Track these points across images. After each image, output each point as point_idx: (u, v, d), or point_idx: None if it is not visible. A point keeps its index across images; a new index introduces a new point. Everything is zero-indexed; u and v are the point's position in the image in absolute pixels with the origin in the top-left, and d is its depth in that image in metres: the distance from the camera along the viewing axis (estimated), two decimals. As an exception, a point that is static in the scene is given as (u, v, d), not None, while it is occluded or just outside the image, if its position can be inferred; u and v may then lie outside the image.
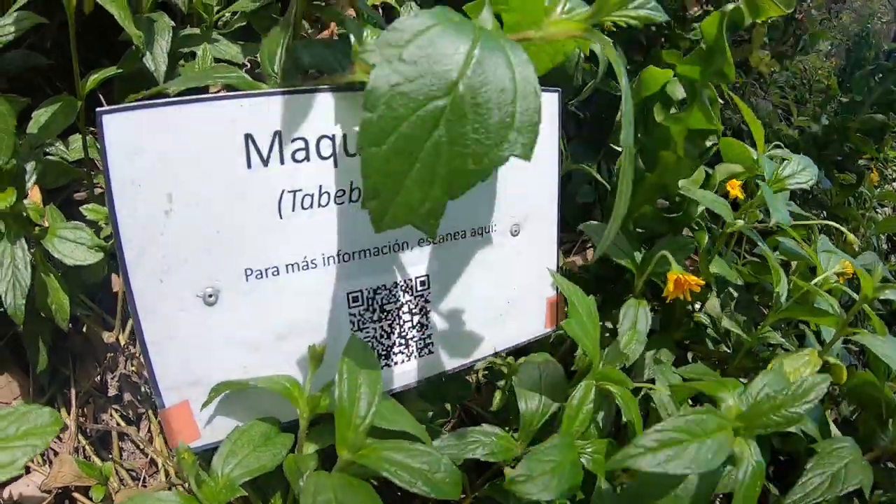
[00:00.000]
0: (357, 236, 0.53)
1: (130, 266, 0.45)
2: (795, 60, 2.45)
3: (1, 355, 0.80)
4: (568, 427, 0.56)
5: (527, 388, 0.62)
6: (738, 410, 0.50)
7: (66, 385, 0.81)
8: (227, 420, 0.51)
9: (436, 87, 0.31)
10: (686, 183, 0.74)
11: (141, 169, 0.43)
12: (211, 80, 0.51)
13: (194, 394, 0.49)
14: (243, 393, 0.50)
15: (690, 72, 0.72)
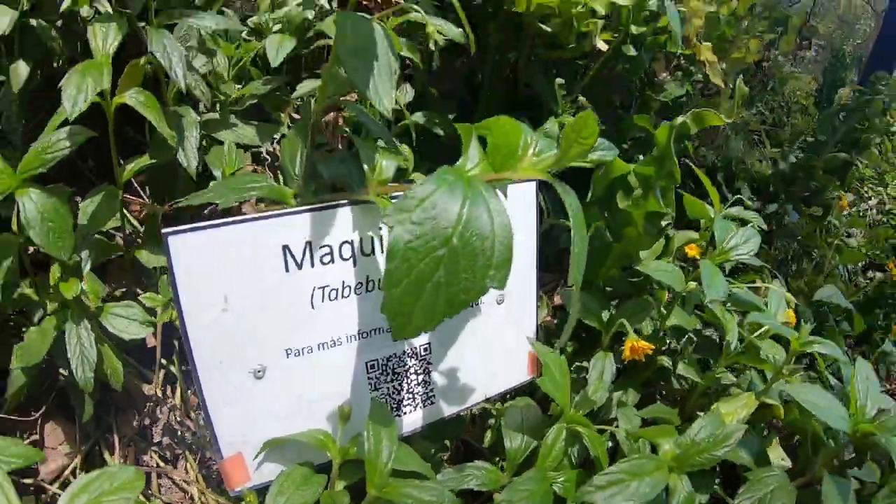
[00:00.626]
0: (373, 318, 0.69)
1: (196, 354, 0.60)
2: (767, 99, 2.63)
3: (48, 406, 0.94)
4: (542, 463, 0.72)
5: (511, 428, 0.78)
6: (672, 453, 0.65)
7: (108, 431, 0.95)
8: (273, 465, 0.66)
9: (437, 241, 0.46)
10: (646, 254, 0.90)
11: (201, 278, 0.58)
12: (247, 194, 0.65)
13: (247, 447, 0.64)
14: (285, 444, 0.65)
15: (646, 171, 0.89)
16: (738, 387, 0.96)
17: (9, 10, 0.78)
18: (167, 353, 0.95)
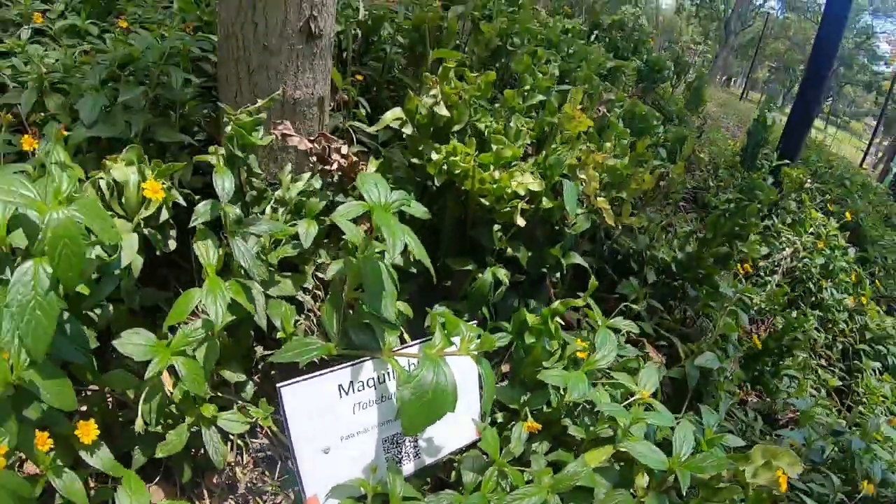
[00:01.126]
0: (386, 416, 1.28)
1: (294, 439, 1.15)
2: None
3: (150, 471, 1.44)
4: (484, 489, 1.29)
5: (467, 469, 1.35)
6: (549, 483, 1.21)
7: (197, 487, 1.48)
8: (334, 501, 1.21)
9: (424, 392, 1.04)
10: (549, 363, 1.48)
11: (298, 405, 1.15)
12: (311, 353, 1.20)
13: (319, 489, 1.20)
14: (342, 487, 1.21)
15: (536, 322, 1.47)
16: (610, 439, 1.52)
17: (133, 235, 1.29)
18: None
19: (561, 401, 1.44)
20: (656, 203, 2.51)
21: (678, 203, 3.68)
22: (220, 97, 1.62)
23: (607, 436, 1.49)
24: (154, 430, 1.20)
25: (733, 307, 2.49)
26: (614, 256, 2.36)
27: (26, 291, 0.90)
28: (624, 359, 1.72)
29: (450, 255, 1.66)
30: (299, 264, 1.60)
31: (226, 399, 1.40)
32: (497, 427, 1.46)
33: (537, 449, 1.44)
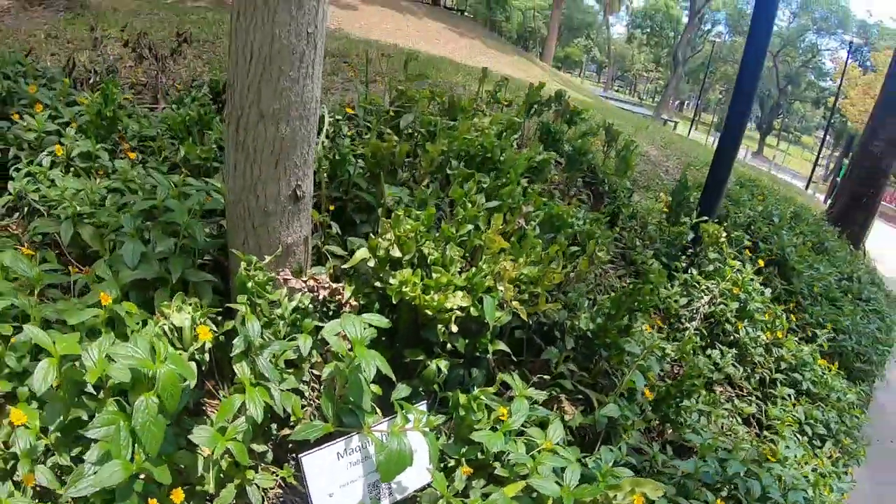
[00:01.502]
0: (369, 469, 1.91)
1: (311, 486, 1.77)
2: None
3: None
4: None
5: (425, 502, 1.97)
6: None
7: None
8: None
9: (393, 456, 1.67)
10: (480, 425, 2.11)
11: (314, 468, 1.76)
12: (316, 432, 1.82)
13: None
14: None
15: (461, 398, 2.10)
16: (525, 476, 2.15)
17: (192, 364, 1.94)
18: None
19: (488, 452, 2.07)
20: (570, 286, 3.14)
21: (605, 265, 4.33)
22: (230, 243, 2.24)
23: (524, 473, 2.12)
24: (207, 490, 1.81)
25: (641, 362, 3.14)
26: (541, 327, 3.01)
27: (144, 415, 1.51)
28: (534, 417, 2.34)
29: (407, 347, 2.30)
30: (298, 364, 2.22)
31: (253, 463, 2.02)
32: (445, 471, 2.08)
33: (475, 485, 2.06)
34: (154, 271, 2.12)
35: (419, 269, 2.22)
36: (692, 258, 4.85)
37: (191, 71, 5.10)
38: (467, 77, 8.76)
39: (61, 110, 3.18)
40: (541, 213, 2.94)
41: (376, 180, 2.91)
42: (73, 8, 7.74)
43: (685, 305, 4.40)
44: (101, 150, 2.87)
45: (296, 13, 1.81)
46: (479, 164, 3.24)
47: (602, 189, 5.00)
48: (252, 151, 1.97)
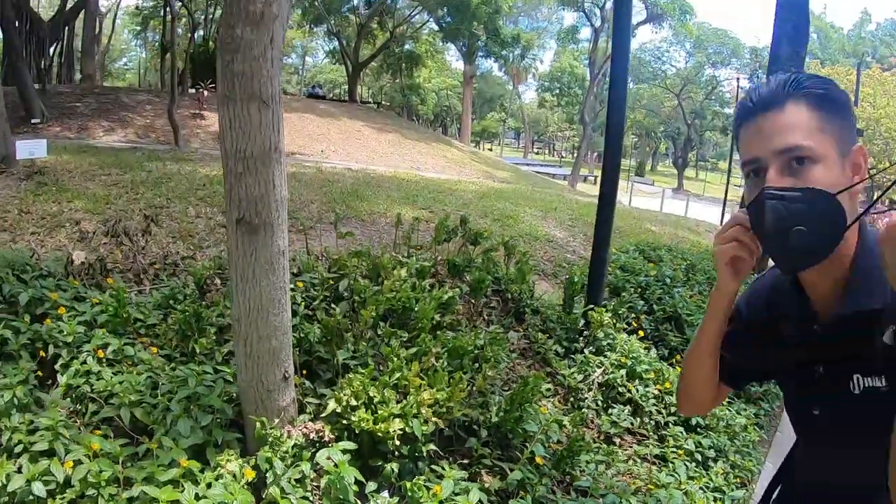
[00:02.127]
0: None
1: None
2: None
3: None
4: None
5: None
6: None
7: None
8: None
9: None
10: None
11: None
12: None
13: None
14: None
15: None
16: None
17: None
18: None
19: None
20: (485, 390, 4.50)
21: (516, 359, 5.74)
22: (244, 411, 3.53)
23: None
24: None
25: (541, 436, 4.49)
26: (464, 424, 4.34)
27: None
28: (461, 488, 3.65)
29: (370, 457, 3.61)
30: (302, 481, 3.51)
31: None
32: None
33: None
34: (203, 438, 3.40)
35: (369, 407, 3.57)
36: (587, 339, 6.30)
37: (162, 247, 6.48)
38: (391, 202, 10.30)
39: (77, 308, 4.16)
40: (448, 347, 4.34)
41: (329, 343, 4.28)
42: (31, 177, 9.12)
43: (582, 380, 5.81)
44: (126, 346, 4.13)
45: (272, 277, 3.20)
46: (400, 314, 4.66)
47: (507, 295, 6.48)
48: (257, 357, 3.30)
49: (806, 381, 1.62)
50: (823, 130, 1.41)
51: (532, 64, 61.66)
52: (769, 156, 1.42)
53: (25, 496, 2.83)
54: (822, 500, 1.75)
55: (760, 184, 1.43)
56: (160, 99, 24.92)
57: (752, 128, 1.46)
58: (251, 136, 2.86)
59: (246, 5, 2.74)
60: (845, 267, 1.50)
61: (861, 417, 1.50)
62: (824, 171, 1.39)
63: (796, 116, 1.41)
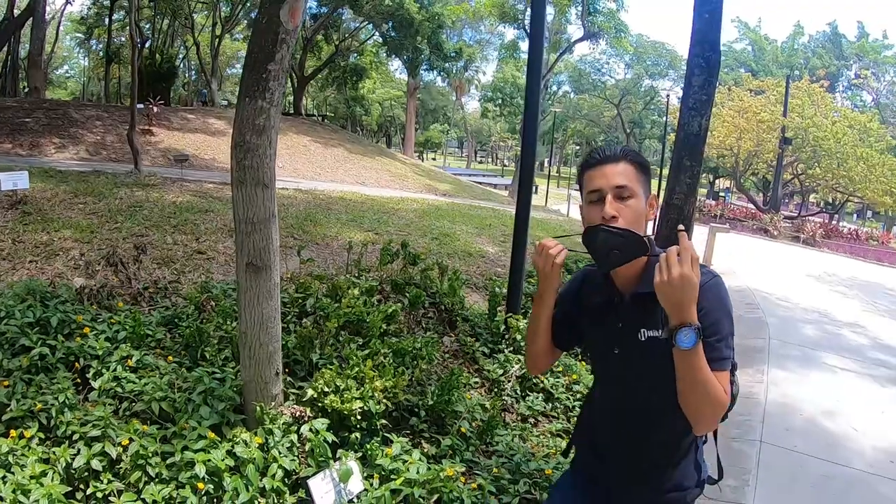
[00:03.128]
0: (336, 485, 4.55)
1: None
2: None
3: None
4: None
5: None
6: None
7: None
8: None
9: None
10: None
11: (316, 488, 4.44)
12: (311, 471, 4.47)
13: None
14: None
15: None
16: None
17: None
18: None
19: (385, 468, 4.77)
20: (423, 380, 5.90)
21: (448, 360, 7.16)
22: (246, 397, 4.85)
23: (403, 474, 4.82)
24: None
25: (466, 415, 5.90)
26: (408, 406, 5.73)
27: (251, 468, 4.15)
28: (406, 450, 5.04)
29: (340, 430, 4.97)
30: (292, 447, 4.86)
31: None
32: (368, 480, 4.74)
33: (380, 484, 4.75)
34: (218, 419, 4.67)
35: (337, 393, 4.95)
36: (507, 341, 7.75)
37: (149, 273, 7.72)
38: (340, 226, 11.65)
39: (97, 327, 4.94)
40: (393, 349, 5.77)
41: (303, 348, 5.66)
42: (15, 206, 9.81)
43: (503, 374, 7.23)
44: (145, 357, 5.29)
45: (270, 302, 4.55)
46: (356, 324, 6.08)
47: (441, 307, 7.93)
48: (258, 359, 4.62)
49: (611, 332, 2.40)
50: (638, 181, 2.25)
51: (475, 76, 63.42)
52: (608, 189, 2.21)
53: (83, 472, 3.61)
54: (615, 420, 2.53)
55: (600, 206, 2.22)
56: (108, 114, 25.52)
57: (598, 171, 2.25)
58: (257, 208, 4.23)
59: (253, 120, 4.12)
60: (641, 263, 2.29)
61: (645, 355, 2.30)
62: (637, 203, 2.21)
63: (625, 169, 2.24)
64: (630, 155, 2.30)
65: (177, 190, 13.79)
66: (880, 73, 68.90)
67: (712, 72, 10.36)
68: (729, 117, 46.24)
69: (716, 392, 2.11)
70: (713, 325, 2.19)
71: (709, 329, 2.16)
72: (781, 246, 34.59)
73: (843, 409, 8.38)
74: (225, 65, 51.46)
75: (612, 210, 2.21)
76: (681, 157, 10.25)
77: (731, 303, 2.29)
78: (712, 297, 2.19)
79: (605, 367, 2.62)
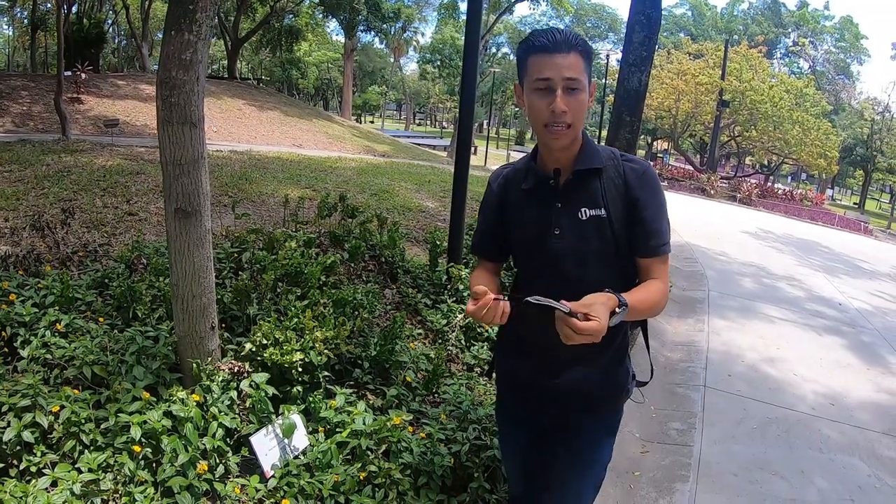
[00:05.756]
0: (280, 441, 4.40)
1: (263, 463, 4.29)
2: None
3: None
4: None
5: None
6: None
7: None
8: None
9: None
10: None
11: (259, 443, 4.28)
12: (254, 427, 4.32)
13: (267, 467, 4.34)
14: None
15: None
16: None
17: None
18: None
19: (330, 420, 4.64)
20: (366, 331, 5.77)
21: (389, 311, 7.04)
22: (182, 354, 4.66)
23: (349, 426, 4.69)
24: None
25: (411, 365, 5.81)
26: (351, 358, 5.60)
27: (189, 426, 3.98)
28: (351, 402, 4.92)
29: (281, 384, 4.82)
30: (231, 403, 4.69)
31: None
32: (312, 434, 4.61)
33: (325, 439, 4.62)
34: (153, 379, 4.44)
35: (276, 346, 4.78)
36: (450, 291, 7.66)
37: (78, 237, 7.41)
38: (277, 183, 11.37)
39: (24, 293, 4.73)
40: (333, 299, 5.60)
41: (239, 302, 5.46)
42: None
43: (447, 324, 7.15)
44: (75, 320, 5.10)
45: (201, 250, 4.33)
46: (294, 276, 5.89)
47: (382, 259, 7.78)
48: (191, 312, 4.38)
49: (547, 214, 2.40)
50: (585, 72, 2.21)
51: (413, 37, 62.77)
52: (558, 81, 2.17)
53: (14, 446, 3.37)
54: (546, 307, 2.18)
55: (547, 97, 2.20)
56: (35, 84, 24.62)
57: (547, 59, 2.16)
58: (185, 149, 4.00)
59: (179, 54, 3.87)
60: (578, 145, 2.37)
61: (585, 234, 2.36)
62: (584, 96, 2.18)
63: (576, 61, 2.17)
64: (580, 44, 2.22)
65: (107, 154, 13.30)
66: (818, 42, 70.69)
67: (653, 28, 10.40)
68: (668, 79, 47.04)
69: (655, 302, 2.29)
70: (653, 215, 2.35)
71: (648, 219, 2.34)
72: (718, 205, 35.43)
73: (783, 356, 8.67)
74: (156, 28, 49.63)
75: (563, 105, 2.20)
76: (620, 112, 10.21)
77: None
78: (648, 188, 2.36)
79: (538, 255, 2.51)
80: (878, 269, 18.24)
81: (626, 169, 2.38)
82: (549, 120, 2.23)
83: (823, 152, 45.13)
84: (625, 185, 2.35)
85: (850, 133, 62.35)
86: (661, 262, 2.37)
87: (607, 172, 2.37)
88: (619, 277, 2.41)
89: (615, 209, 2.35)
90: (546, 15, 62.07)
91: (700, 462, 5.34)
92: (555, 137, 2.28)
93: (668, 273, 2.42)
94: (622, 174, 2.36)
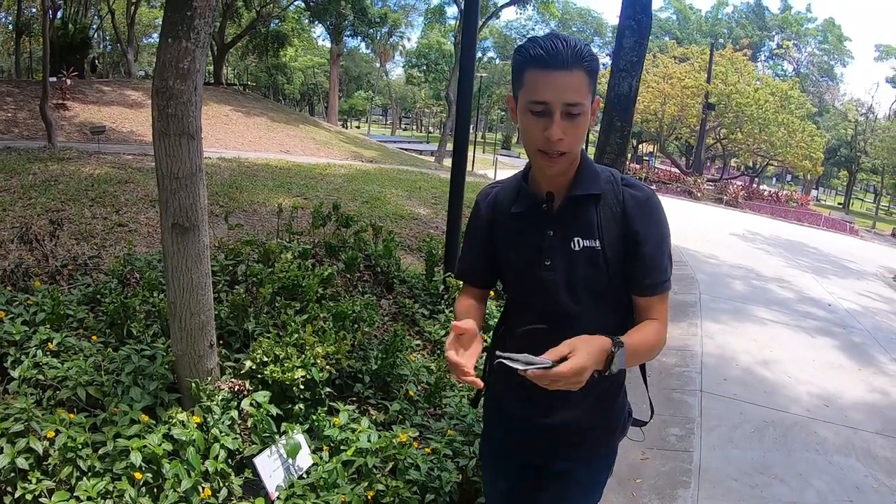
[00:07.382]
0: (284, 461, 4.26)
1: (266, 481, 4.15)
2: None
3: None
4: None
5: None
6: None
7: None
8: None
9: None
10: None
11: (263, 465, 4.15)
12: (256, 449, 4.18)
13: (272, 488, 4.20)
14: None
15: None
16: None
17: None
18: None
19: (335, 438, 4.51)
20: (367, 344, 5.64)
21: (387, 323, 6.92)
22: (179, 374, 4.51)
23: (354, 444, 4.57)
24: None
25: (412, 378, 5.69)
26: (351, 373, 5.47)
27: (192, 450, 3.84)
28: (354, 418, 4.79)
29: (284, 401, 4.69)
30: (232, 424, 4.55)
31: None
32: (317, 453, 4.48)
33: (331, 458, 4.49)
34: (151, 400, 4.29)
35: (277, 362, 4.65)
36: (447, 301, 7.54)
37: (67, 249, 7.24)
38: (268, 192, 11.22)
39: (13, 310, 4.58)
40: (332, 313, 5.47)
41: (237, 317, 5.32)
42: None
43: (445, 335, 7.03)
44: (67, 338, 4.94)
45: (199, 266, 4.19)
46: (291, 289, 5.75)
47: (377, 269, 7.65)
48: (189, 330, 4.28)
49: (537, 242, 2.15)
50: (589, 91, 1.90)
51: (399, 42, 62.65)
52: (557, 105, 1.88)
53: (8, 473, 3.22)
54: (535, 343, 1.99)
55: (543, 120, 1.92)
56: (20, 90, 24.28)
57: (546, 77, 1.86)
58: (182, 161, 3.86)
59: (176, 63, 3.74)
60: (575, 167, 2.11)
61: (578, 266, 2.10)
62: (584, 120, 1.91)
63: (579, 80, 1.87)
64: (586, 59, 1.89)
65: (94, 162, 13.10)
66: (802, 45, 71.24)
67: (643, 34, 10.39)
68: (654, 83, 47.21)
69: (653, 346, 2.09)
70: (653, 250, 2.12)
71: (647, 255, 2.10)
72: (705, 207, 35.54)
73: (776, 358, 8.67)
74: (141, 34, 49.29)
75: (560, 132, 1.93)
76: (611, 117, 10.12)
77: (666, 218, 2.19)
78: (648, 219, 2.13)
79: (527, 285, 2.27)
80: (864, 269, 18.40)
81: (627, 196, 2.12)
82: (543, 146, 1.98)
83: (809, 154, 45.39)
84: (623, 214, 2.10)
85: (834, 134, 62.73)
86: (661, 300, 2.14)
87: (605, 199, 2.11)
88: (613, 311, 2.21)
89: (610, 240, 2.11)
90: (532, 20, 62.07)
91: (700, 468, 5.32)
92: (548, 165, 2.03)
93: (668, 312, 2.19)
94: (621, 201, 2.11)
